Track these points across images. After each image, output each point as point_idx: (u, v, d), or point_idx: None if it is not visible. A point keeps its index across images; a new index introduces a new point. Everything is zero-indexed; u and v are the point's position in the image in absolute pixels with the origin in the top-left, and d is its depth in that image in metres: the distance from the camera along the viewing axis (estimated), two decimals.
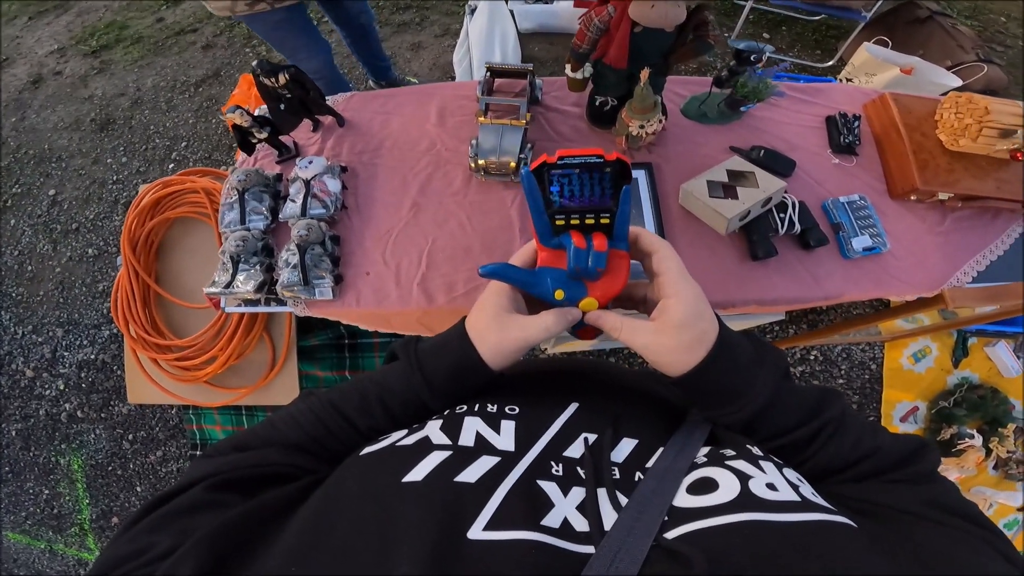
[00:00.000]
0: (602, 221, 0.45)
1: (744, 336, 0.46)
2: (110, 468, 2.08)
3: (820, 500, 0.34)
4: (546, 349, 1.57)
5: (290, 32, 1.48)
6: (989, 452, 1.74)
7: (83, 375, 2.14)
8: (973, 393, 1.82)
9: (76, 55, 2.91)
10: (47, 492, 2.12)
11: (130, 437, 2.08)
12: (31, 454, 2.14)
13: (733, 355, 0.43)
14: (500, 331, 0.46)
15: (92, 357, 2.14)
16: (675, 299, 0.43)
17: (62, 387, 2.15)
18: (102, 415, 2.11)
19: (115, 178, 2.45)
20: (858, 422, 0.44)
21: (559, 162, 0.44)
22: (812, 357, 1.91)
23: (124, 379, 1.70)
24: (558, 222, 0.46)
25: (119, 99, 2.68)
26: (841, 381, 1.89)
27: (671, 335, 0.42)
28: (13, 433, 2.16)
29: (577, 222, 0.46)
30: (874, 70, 1.98)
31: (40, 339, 2.21)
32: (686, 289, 0.43)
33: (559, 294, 0.46)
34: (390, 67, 2.20)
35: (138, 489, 2.05)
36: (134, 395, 1.65)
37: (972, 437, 1.73)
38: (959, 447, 1.73)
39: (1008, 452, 1.73)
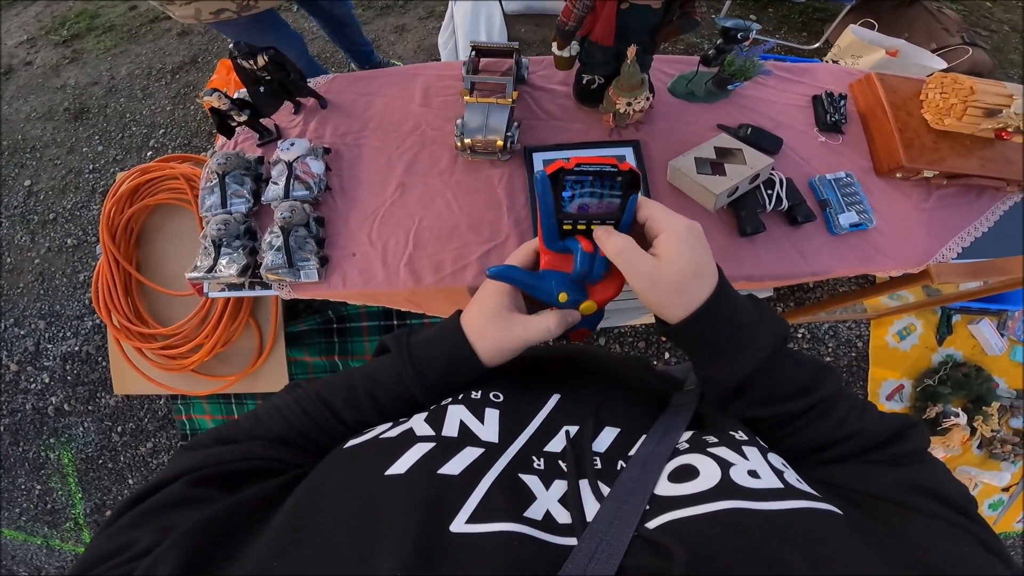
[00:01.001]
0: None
1: (744, 296, 0.46)
2: (100, 461, 2.06)
3: (805, 486, 0.34)
4: None
5: (259, 34, 1.44)
6: (974, 431, 1.76)
7: (68, 367, 2.11)
8: (957, 371, 1.84)
9: (47, 45, 2.83)
10: (39, 487, 2.10)
11: (119, 429, 2.06)
12: (20, 449, 2.12)
13: (733, 306, 0.43)
14: (501, 329, 0.46)
15: (76, 349, 2.11)
16: (666, 233, 0.43)
17: (47, 380, 2.12)
18: (89, 407, 2.08)
19: (91, 167, 2.39)
20: (848, 403, 0.44)
21: (575, 168, 0.45)
22: (800, 335, 1.93)
23: (109, 370, 1.68)
24: (565, 226, 0.47)
25: (93, 88, 2.60)
26: (828, 359, 1.91)
27: (669, 267, 0.42)
28: (1, 428, 2.13)
29: (584, 227, 0.47)
30: (860, 52, 1.98)
31: (22, 332, 2.17)
32: (674, 222, 0.43)
33: (563, 297, 0.47)
34: (372, 51, 2.15)
35: (130, 482, 2.04)
36: (120, 386, 1.64)
37: (957, 416, 1.74)
38: (944, 426, 1.75)
39: (992, 431, 1.75)
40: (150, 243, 1.49)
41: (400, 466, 0.33)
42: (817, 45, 2.35)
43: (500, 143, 0.95)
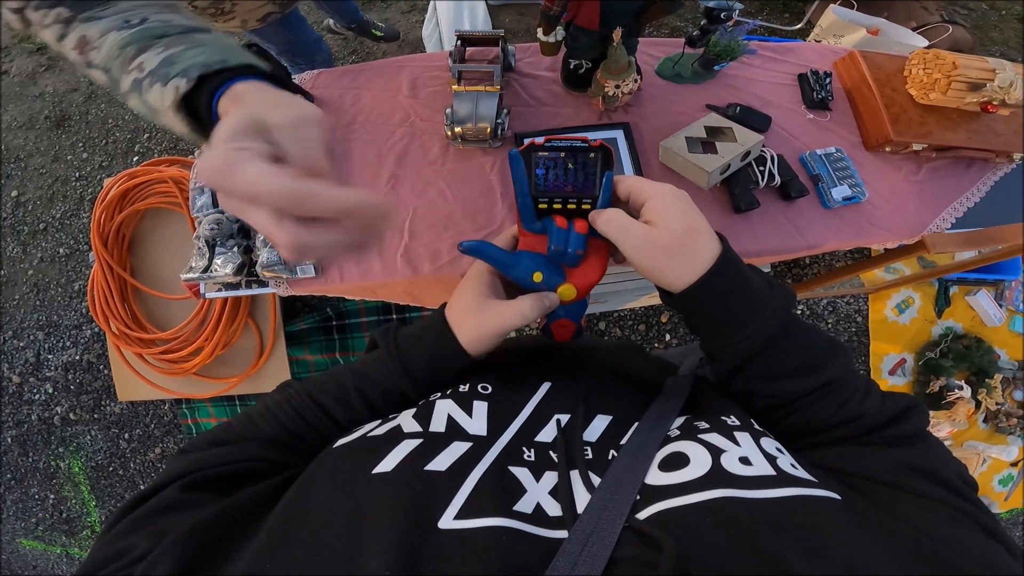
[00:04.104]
0: (584, 207, 0.46)
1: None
2: (111, 468, 2.08)
3: (801, 472, 0.33)
4: None
5: (288, 28, 1.39)
6: (979, 404, 1.74)
7: (70, 377, 2.11)
8: (958, 343, 1.83)
9: (20, 54, 2.77)
10: (53, 497, 2.11)
11: (126, 436, 2.07)
12: (30, 459, 2.13)
13: (741, 271, 0.42)
14: (477, 316, 0.46)
15: (77, 358, 2.11)
16: (652, 199, 0.43)
17: (51, 390, 2.12)
18: (95, 416, 2.09)
19: (77, 175, 2.37)
20: (852, 385, 0.43)
21: (546, 145, 0.45)
22: (799, 312, 1.93)
23: (112, 378, 1.68)
24: (541, 206, 0.47)
25: (72, 95, 2.56)
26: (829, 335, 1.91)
27: (662, 229, 0.41)
28: (9, 440, 2.14)
29: (560, 207, 0.46)
30: (841, 32, 1.98)
31: (22, 344, 2.17)
32: (658, 187, 0.43)
33: (537, 276, 0.47)
34: (357, 8, 2.11)
35: (141, 488, 2.04)
36: (123, 393, 1.64)
37: (961, 388, 1.72)
38: (949, 399, 1.73)
39: (997, 404, 1.74)
40: (143, 248, 1.49)
41: (387, 464, 0.33)
42: (799, 26, 2.34)
43: (490, 130, 0.95)
